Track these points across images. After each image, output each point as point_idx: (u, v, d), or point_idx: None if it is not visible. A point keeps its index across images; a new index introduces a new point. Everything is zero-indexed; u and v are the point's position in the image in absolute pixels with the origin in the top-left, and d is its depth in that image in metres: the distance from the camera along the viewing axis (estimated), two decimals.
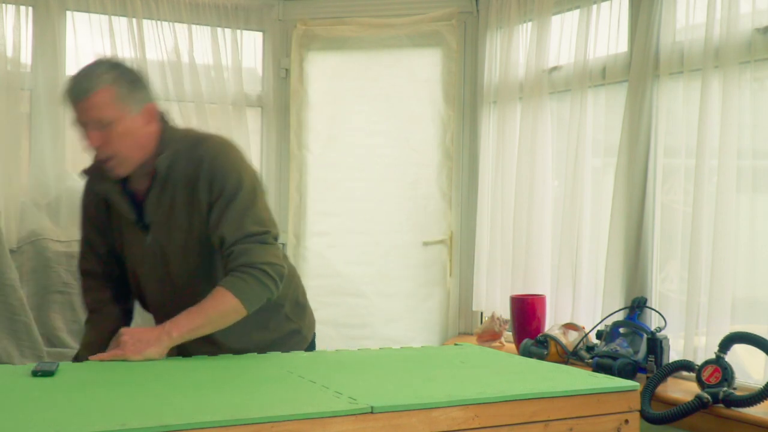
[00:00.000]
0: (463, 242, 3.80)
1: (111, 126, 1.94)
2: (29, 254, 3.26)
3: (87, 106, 1.94)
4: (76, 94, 1.94)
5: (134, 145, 1.99)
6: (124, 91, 1.96)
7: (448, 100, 3.81)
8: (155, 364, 1.83)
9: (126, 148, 1.98)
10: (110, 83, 1.94)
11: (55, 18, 3.41)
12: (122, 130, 1.96)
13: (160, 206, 2.04)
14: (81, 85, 1.95)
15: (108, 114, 1.94)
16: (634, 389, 1.63)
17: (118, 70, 1.99)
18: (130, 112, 1.97)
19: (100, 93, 1.93)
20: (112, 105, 1.94)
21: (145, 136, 2.01)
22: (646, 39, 2.85)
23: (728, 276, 2.54)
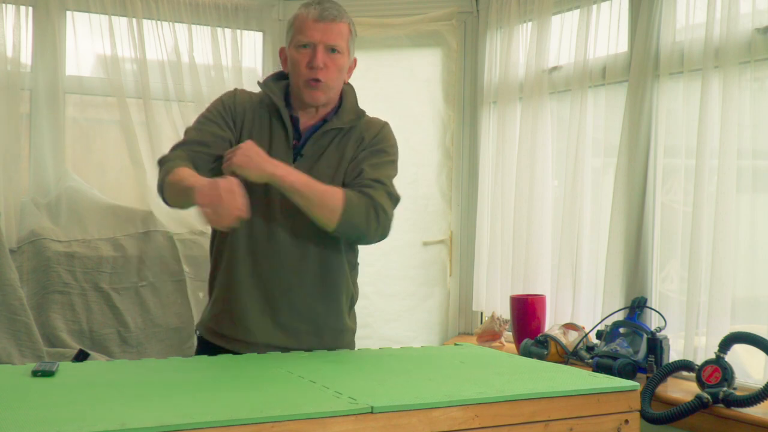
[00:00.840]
0: (463, 242, 3.80)
1: (337, 56, 2.13)
2: (29, 254, 3.26)
3: (331, 28, 2.12)
4: (325, 16, 2.12)
5: (340, 82, 2.18)
6: (354, 35, 2.20)
7: (448, 100, 3.81)
8: (155, 364, 1.83)
9: (336, 80, 2.16)
10: (350, 23, 2.18)
11: (55, 18, 3.41)
12: (342, 64, 2.15)
13: (318, 142, 2.15)
14: (330, 11, 2.14)
15: (342, 44, 2.14)
16: (634, 389, 1.63)
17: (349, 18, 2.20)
18: (350, 54, 2.19)
19: (344, 24, 2.15)
20: (348, 39, 2.17)
21: (343, 81, 2.20)
22: (646, 39, 2.85)
23: (728, 276, 2.54)
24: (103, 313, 3.30)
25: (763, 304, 2.62)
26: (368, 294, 3.81)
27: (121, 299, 3.34)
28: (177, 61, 3.62)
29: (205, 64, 3.70)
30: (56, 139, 3.43)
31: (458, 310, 3.81)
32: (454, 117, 3.81)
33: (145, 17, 3.56)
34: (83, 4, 3.48)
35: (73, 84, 3.51)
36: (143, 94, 3.55)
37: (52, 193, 3.40)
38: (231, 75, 3.75)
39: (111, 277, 3.34)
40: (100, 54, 3.55)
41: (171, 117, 3.61)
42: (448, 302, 3.82)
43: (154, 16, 3.58)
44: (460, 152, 3.81)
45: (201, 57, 3.70)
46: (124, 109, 3.52)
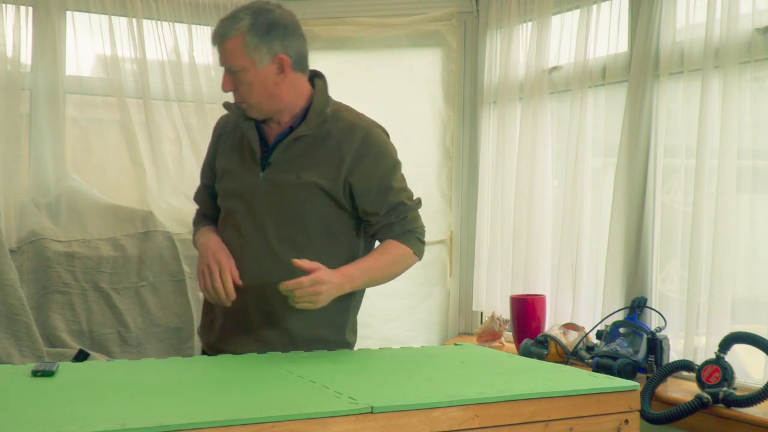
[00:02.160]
0: (463, 242, 3.80)
1: (240, 74, 2.02)
2: (29, 254, 3.26)
3: (221, 51, 2.03)
4: (213, 38, 2.05)
5: (263, 94, 2.04)
6: (256, 41, 2.00)
7: (448, 100, 3.81)
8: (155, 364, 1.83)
9: (253, 96, 2.04)
10: (243, 32, 1.99)
11: (55, 18, 3.41)
12: (249, 80, 2.02)
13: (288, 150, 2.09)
14: (219, 30, 2.03)
15: (236, 62, 2.01)
16: (634, 389, 1.63)
17: (255, 17, 2.01)
18: (258, 63, 2.01)
19: (231, 41, 2.00)
20: (240, 54, 2.00)
21: (277, 86, 2.05)
22: (646, 39, 2.85)
23: (728, 276, 2.54)
24: (103, 313, 3.30)
25: (763, 304, 2.62)
26: (368, 294, 3.77)
27: (121, 299, 3.34)
28: (177, 61, 3.62)
29: (205, 64, 3.70)
30: (56, 139, 3.42)
31: (458, 310, 3.81)
32: (454, 117, 3.81)
33: (145, 17, 3.56)
34: (83, 4, 3.48)
35: (73, 84, 3.51)
36: (143, 94, 3.55)
37: (52, 193, 3.39)
38: None
39: (111, 277, 3.33)
40: (100, 54, 3.55)
41: (171, 117, 3.61)
42: (448, 302, 3.82)
43: (154, 16, 3.58)
44: (460, 152, 3.81)
45: (201, 57, 3.69)
46: (124, 109, 3.52)
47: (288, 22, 2.06)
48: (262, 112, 2.09)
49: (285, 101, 2.09)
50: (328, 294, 1.96)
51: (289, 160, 2.09)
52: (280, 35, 2.03)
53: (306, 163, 2.08)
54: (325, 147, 2.09)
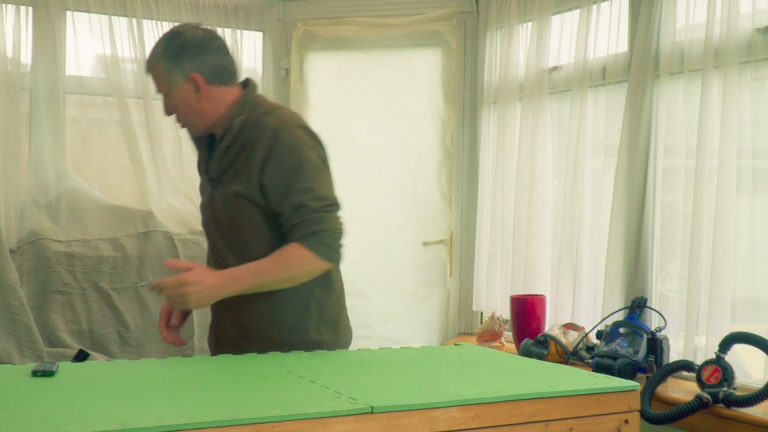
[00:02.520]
0: (463, 242, 3.80)
1: (169, 97, 2.14)
2: (29, 254, 3.26)
3: (152, 78, 2.16)
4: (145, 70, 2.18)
5: (190, 112, 2.14)
6: (168, 65, 2.11)
7: (448, 100, 3.81)
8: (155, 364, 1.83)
9: (183, 116, 2.16)
10: (159, 59, 2.12)
11: (55, 18, 3.41)
12: (176, 102, 2.14)
13: (221, 162, 2.14)
14: (147, 59, 2.17)
15: (162, 87, 2.15)
16: (634, 389, 1.63)
17: (167, 43, 2.13)
18: (176, 84, 2.12)
19: (154, 68, 2.14)
20: (163, 79, 2.14)
21: (198, 103, 2.13)
22: (646, 39, 2.85)
23: (728, 276, 2.54)
24: (103, 313, 3.30)
25: (763, 304, 2.62)
26: (368, 294, 3.81)
27: (121, 299, 3.34)
28: None
29: None
30: (56, 139, 3.42)
31: (458, 310, 3.81)
32: (454, 117, 3.80)
33: (145, 17, 3.56)
34: (83, 4, 3.48)
35: (73, 84, 3.51)
36: (143, 94, 3.55)
37: (52, 193, 3.39)
38: None
39: (111, 277, 3.34)
40: (100, 54, 3.55)
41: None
42: (448, 302, 3.82)
43: (154, 16, 3.58)
44: (460, 152, 3.81)
45: None
46: (124, 109, 3.52)
47: (199, 41, 2.13)
48: (197, 129, 2.19)
49: (211, 116, 2.15)
50: (200, 295, 1.99)
51: (222, 172, 2.16)
52: (189, 55, 2.11)
53: (232, 174, 2.13)
54: (244, 154, 2.11)
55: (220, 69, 2.14)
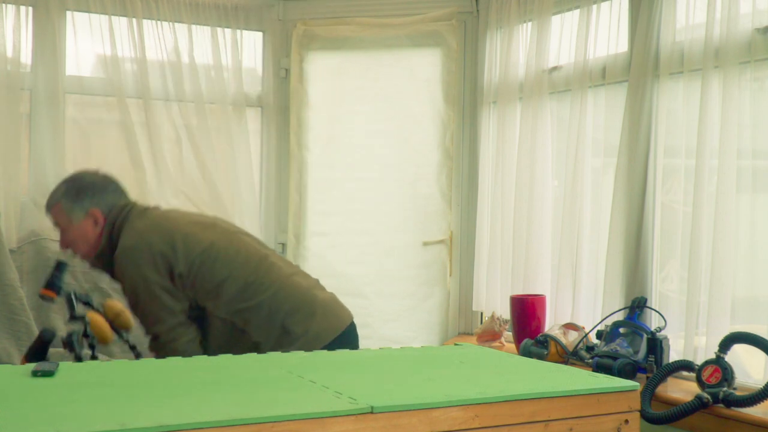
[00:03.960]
0: (463, 242, 3.80)
1: (64, 233, 2.52)
2: (29, 254, 3.26)
3: (50, 217, 2.56)
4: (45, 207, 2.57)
5: (86, 244, 2.50)
6: (69, 204, 2.49)
7: (448, 100, 3.81)
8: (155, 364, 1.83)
9: (78, 247, 2.52)
10: (59, 199, 2.50)
11: (55, 18, 3.41)
12: (73, 236, 2.51)
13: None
14: (47, 202, 2.54)
15: (60, 224, 2.52)
16: (634, 389, 1.63)
17: (67, 184, 2.52)
18: (75, 220, 2.49)
19: (54, 208, 2.51)
20: (62, 217, 2.51)
21: (96, 236, 2.50)
22: (646, 39, 2.85)
23: (728, 276, 2.54)
24: None
25: (763, 304, 2.62)
26: (368, 294, 3.81)
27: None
28: (177, 61, 3.62)
29: (205, 64, 3.70)
30: (56, 139, 3.43)
31: (458, 310, 3.81)
32: (454, 117, 3.80)
33: (145, 17, 3.56)
34: (83, 4, 3.48)
35: (73, 84, 3.51)
36: (143, 94, 3.55)
37: None
38: (231, 75, 3.75)
39: None
40: (100, 54, 3.55)
41: (171, 117, 3.61)
42: (448, 302, 3.82)
43: (154, 16, 3.58)
44: (460, 152, 3.81)
45: (201, 57, 3.70)
46: (124, 109, 3.52)
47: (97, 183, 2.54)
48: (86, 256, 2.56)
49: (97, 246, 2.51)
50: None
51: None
52: (89, 194, 2.50)
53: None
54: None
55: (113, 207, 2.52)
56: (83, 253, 2.52)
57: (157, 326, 2.43)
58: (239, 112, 3.75)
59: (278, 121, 3.92)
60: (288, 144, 3.90)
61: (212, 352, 2.35)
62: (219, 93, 3.71)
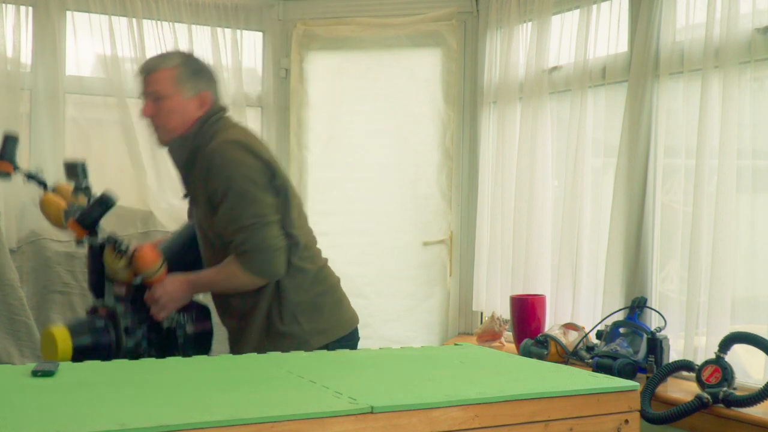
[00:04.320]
0: (463, 242, 3.80)
1: (163, 101, 2.36)
2: (29, 254, 3.26)
3: (150, 79, 2.38)
4: (142, 69, 2.41)
5: (180, 120, 2.37)
6: (184, 75, 2.37)
7: (448, 100, 3.81)
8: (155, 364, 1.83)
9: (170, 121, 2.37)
10: (173, 66, 2.37)
11: (55, 18, 3.41)
12: (169, 107, 2.36)
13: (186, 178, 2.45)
14: (149, 63, 2.42)
15: (163, 89, 2.36)
16: (634, 389, 1.63)
17: (186, 58, 2.44)
18: (183, 94, 2.36)
19: (160, 72, 2.36)
20: (167, 84, 2.36)
21: (193, 118, 2.38)
22: (646, 39, 2.85)
23: (728, 276, 2.54)
24: None
25: (763, 304, 2.62)
26: (368, 294, 3.81)
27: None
28: None
29: None
30: (56, 139, 3.42)
31: (458, 310, 3.81)
32: (454, 117, 3.80)
33: (145, 17, 3.56)
34: (83, 4, 3.48)
35: (73, 84, 3.51)
36: None
37: None
38: (231, 75, 3.75)
39: None
40: (100, 54, 3.55)
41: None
42: (448, 302, 3.82)
43: (154, 16, 3.58)
44: (460, 152, 3.81)
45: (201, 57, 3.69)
46: (124, 109, 3.52)
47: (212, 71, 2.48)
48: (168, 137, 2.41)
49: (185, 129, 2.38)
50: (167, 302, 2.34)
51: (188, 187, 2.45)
52: (205, 78, 2.42)
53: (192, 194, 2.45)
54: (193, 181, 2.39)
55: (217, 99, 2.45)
56: (171, 127, 2.37)
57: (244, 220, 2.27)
58: (239, 112, 3.74)
59: (278, 121, 3.91)
60: (288, 144, 3.90)
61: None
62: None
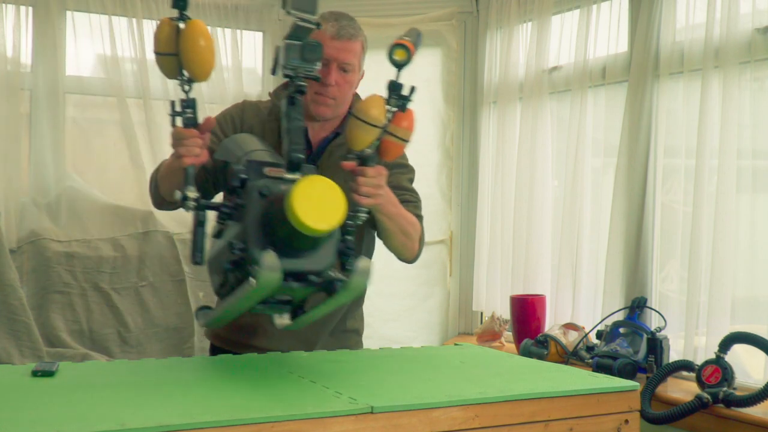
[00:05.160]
0: (463, 242, 3.80)
1: (350, 74, 2.14)
2: (29, 254, 3.26)
3: (347, 47, 2.11)
4: (342, 34, 2.11)
5: (349, 97, 2.19)
6: (365, 51, 2.19)
7: (448, 100, 3.81)
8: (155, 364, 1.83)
9: (346, 96, 2.17)
10: (364, 40, 2.17)
11: (55, 18, 3.41)
12: (353, 81, 2.17)
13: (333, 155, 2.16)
14: (347, 29, 2.12)
15: (355, 62, 2.15)
16: (634, 389, 1.63)
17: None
18: (360, 69, 2.19)
19: (359, 43, 2.15)
20: (360, 56, 2.17)
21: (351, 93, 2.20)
22: (646, 39, 2.85)
23: (728, 276, 2.54)
24: (103, 313, 3.30)
25: (763, 304, 2.62)
26: (368, 294, 3.78)
27: (121, 299, 3.34)
28: None
29: None
30: (56, 139, 3.42)
31: (458, 310, 3.81)
32: (454, 117, 3.80)
33: (145, 17, 3.56)
34: (83, 4, 3.48)
35: (73, 84, 3.51)
36: (143, 94, 3.55)
37: (52, 193, 3.39)
38: (231, 75, 3.75)
39: (111, 277, 3.34)
40: (100, 54, 3.55)
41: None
42: (448, 302, 3.82)
43: (154, 16, 3.58)
44: (460, 152, 3.81)
45: None
46: (124, 109, 3.52)
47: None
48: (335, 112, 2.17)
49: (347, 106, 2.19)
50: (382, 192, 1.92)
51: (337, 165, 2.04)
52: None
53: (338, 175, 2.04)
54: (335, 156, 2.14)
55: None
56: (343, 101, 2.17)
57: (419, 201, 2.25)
58: None
59: None
60: None
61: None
62: (219, 93, 3.70)
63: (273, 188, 1.54)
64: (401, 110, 1.99)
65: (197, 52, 1.78)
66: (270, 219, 1.49)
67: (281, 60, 1.75)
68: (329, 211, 1.43)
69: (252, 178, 1.59)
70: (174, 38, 1.78)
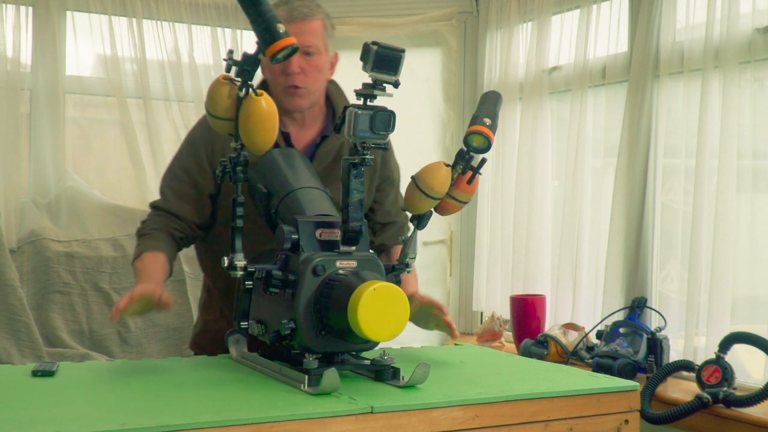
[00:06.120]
0: (463, 242, 3.80)
1: (314, 57, 1.98)
2: (29, 254, 3.26)
3: (302, 28, 1.94)
4: (294, 16, 1.94)
5: (321, 82, 2.02)
6: (330, 30, 2.02)
7: (448, 100, 3.81)
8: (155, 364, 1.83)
9: (316, 83, 2.00)
10: (324, 17, 2.00)
11: (55, 18, 3.41)
12: (320, 65, 2.00)
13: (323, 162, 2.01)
14: (300, 9, 1.96)
15: (317, 43, 1.98)
16: (634, 389, 1.63)
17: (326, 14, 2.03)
18: (328, 52, 2.01)
19: (317, 21, 1.98)
20: (323, 35, 1.99)
21: (325, 80, 2.04)
22: (646, 39, 2.85)
23: (728, 276, 2.54)
24: (103, 313, 3.30)
25: (763, 304, 2.62)
26: None
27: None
28: (177, 61, 3.62)
29: (205, 64, 3.70)
30: (56, 139, 3.42)
31: (458, 310, 3.81)
32: (454, 117, 3.80)
33: (145, 17, 3.56)
34: (83, 4, 3.48)
35: (73, 84, 3.51)
36: (143, 94, 3.55)
37: (52, 193, 3.39)
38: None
39: (111, 277, 3.34)
40: (100, 54, 3.55)
41: (171, 117, 3.61)
42: (448, 302, 3.82)
43: (154, 16, 3.58)
44: None
45: (201, 57, 3.69)
46: (124, 109, 3.52)
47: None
48: (310, 101, 2.03)
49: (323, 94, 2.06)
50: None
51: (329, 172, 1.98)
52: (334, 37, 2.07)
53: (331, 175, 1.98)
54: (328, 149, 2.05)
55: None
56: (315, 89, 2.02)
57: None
58: None
59: None
60: None
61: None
62: None
63: (328, 267, 1.53)
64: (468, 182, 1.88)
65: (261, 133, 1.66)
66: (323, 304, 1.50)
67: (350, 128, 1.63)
68: (393, 322, 1.48)
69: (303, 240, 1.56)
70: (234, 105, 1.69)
